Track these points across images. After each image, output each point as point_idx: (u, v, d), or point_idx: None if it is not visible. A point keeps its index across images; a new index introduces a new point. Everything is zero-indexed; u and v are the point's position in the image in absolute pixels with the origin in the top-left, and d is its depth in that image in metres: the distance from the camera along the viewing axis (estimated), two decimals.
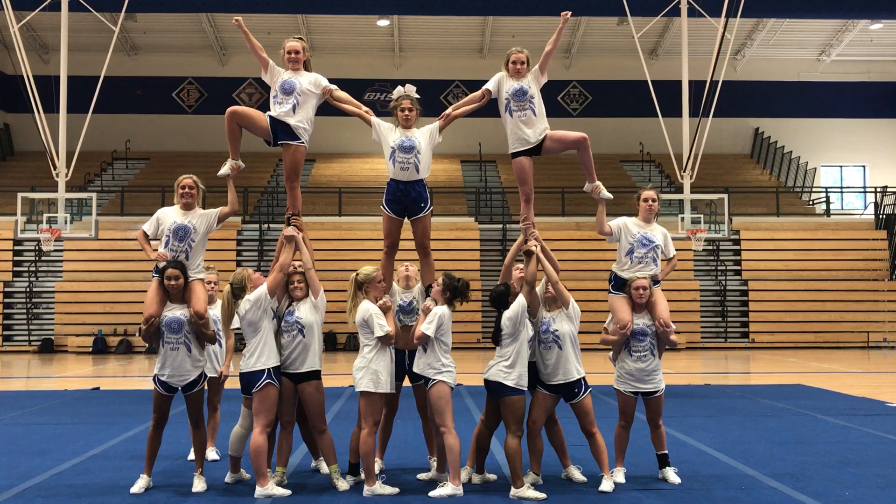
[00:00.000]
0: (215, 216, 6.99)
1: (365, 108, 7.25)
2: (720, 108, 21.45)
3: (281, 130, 6.98)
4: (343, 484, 6.67)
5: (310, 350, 6.67)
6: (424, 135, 7.13)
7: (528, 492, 6.33)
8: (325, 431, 6.76)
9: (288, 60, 7.10)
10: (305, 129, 7.05)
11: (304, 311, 6.70)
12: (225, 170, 7.10)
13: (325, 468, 7.11)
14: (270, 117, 6.99)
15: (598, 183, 7.16)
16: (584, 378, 6.74)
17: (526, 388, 6.56)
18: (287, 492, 6.45)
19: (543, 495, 6.33)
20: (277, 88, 7.04)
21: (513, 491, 6.37)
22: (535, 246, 6.81)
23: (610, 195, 7.15)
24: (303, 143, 7.05)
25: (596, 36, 31.81)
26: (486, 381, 6.62)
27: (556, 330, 6.70)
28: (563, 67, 32.71)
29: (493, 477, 6.95)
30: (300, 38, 7.27)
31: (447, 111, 7.23)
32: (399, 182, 7.07)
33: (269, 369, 6.54)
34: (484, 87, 7.15)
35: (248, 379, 6.57)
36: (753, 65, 33.10)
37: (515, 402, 6.47)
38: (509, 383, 6.46)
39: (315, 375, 6.71)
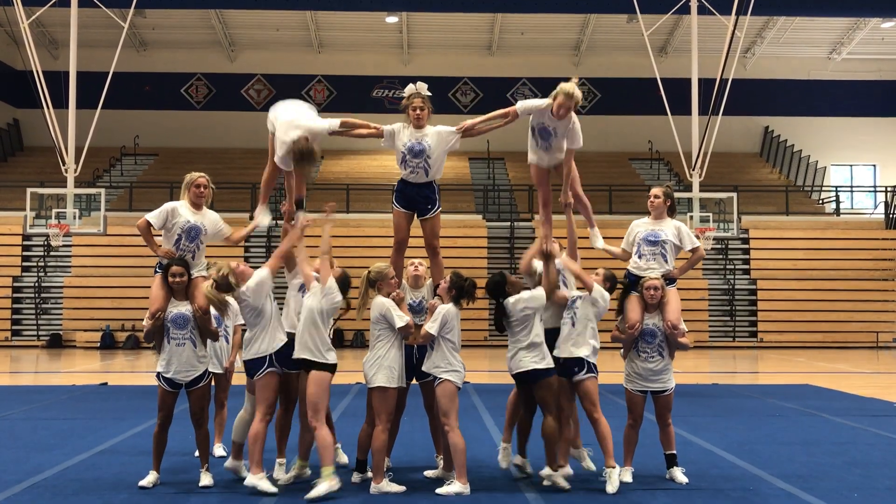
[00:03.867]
0: (222, 232, 7.11)
1: (373, 125, 7.14)
2: (730, 107, 21.35)
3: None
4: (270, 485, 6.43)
5: (300, 336, 6.48)
6: (436, 138, 7.01)
7: (557, 476, 6.44)
8: (315, 428, 6.38)
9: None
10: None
11: (309, 297, 6.61)
12: (267, 221, 7.29)
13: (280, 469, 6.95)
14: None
15: (596, 229, 7.33)
16: (587, 361, 6.71)
17: (553, 365, 6.62)
18: (273, 489, 6.30)
19: (568, 485, 6.44)
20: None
21: (546, 470, 6.48)
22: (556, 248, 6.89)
23: (602, 244, 7.25)
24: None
25: (605, 33, 31.72)
26: (517, 375, 6.63)
27: (577, 308, 6.79)
28: (572, 65, 32.61)
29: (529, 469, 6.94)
30: None
31: (470, 123, 7.08)
32: (408, 183, 7.08)
33: (270, 356, 6.50)
34: (513, 108, 6.87)
35: (250, 366, 6.56)
36: (763, 63, 32.96)
37: (551, 382, 6.55)
38: (542, 366, 6.53)
39: (305, 364, 6.47)
